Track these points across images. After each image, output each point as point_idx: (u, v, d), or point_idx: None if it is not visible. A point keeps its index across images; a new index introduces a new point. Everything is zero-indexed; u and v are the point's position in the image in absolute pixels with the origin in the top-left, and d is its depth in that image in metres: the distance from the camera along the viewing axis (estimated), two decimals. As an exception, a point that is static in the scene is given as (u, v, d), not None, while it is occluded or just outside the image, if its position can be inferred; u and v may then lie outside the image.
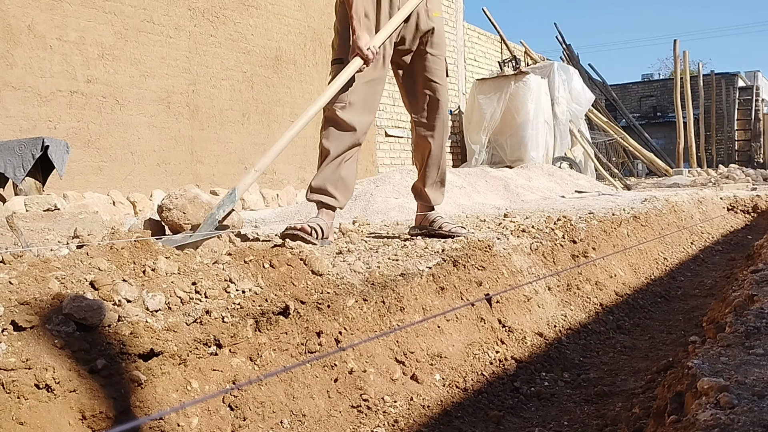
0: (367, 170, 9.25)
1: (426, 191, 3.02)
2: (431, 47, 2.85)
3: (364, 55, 2.62)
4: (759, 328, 1.43)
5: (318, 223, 2.69)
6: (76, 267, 1.57)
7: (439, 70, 2.87)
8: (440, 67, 2.88)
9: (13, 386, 1.20)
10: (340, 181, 2.77)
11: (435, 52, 2.85)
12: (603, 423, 1.81)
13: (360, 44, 2.61)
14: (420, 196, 3.06)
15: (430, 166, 2.97)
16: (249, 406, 1.55)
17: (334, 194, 2.77)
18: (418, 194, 3.07)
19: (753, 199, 7.70)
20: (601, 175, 11.52)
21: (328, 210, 2.79)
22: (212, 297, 1.65)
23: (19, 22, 5.29)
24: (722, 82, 24.09)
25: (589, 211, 4.51)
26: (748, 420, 0.94)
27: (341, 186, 2.78)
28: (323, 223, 2.70)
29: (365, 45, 2.62)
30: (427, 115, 2.88)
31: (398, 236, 3.10)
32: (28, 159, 4.20)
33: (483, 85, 10.55)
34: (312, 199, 2.80)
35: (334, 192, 2.76)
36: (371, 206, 4.87)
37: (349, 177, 2.79)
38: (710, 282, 4.02)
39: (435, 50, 2.86)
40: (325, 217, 2.76)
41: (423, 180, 3.01)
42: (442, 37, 2.89)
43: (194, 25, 6.78)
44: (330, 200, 2.77)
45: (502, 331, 2.47)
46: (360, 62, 2.63)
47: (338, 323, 1.92)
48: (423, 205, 3.07)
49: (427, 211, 3.04)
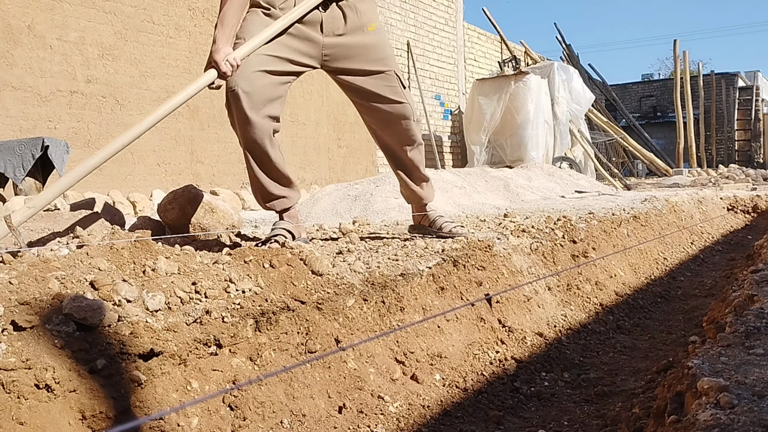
0: (367, 170, 9.26)
1: (412, 190, 2.90)
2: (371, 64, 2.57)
3: (220, 69, 2.28)
4: (759, 328, 1.43)
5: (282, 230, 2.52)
6: (76, 267, 1.57)
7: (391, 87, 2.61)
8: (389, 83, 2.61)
9: (13, 386, 1.20)
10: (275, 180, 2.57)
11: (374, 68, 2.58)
12: (603, 423, 1.81)
13: (216, 56, 2.27)
14: (409, 198, 2.98)
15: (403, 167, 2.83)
16: (249, 406, 1.55)
17: (279, 194, 2.60)
18: (408, 197, 2.99)
19: (753, 199, 7.70)
20: (601, 175, 11.52)
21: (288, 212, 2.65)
22: (212, 297, 1.65)
23: (19, 22, 5.29)
24: (722, 82, 24.10)
25: (589, 211, 4.51)
26: (748, 420, 0.94)
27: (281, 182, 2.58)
28: (289, 227, 2.58)
29: (223, 57, 2.27)
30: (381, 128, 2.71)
31: (398, 236, 3.09)
32: (28, 159, 4.21)
33: (483, 85, 10.55)
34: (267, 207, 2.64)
35: (277, 192, 2.59)
36: (371, 206, 4.87)
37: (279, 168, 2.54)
38: (710, 282, 4.02)
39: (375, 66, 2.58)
40: (287, 218, 2.63)
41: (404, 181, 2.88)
42: (385, 51, 2.63)
43: (194, 25, 6.78)
44: (280, 202, 2.62)
45: (502, 331, 2.47)
46: (214, 75, 2.29)
47: (338, 323, 1.92)
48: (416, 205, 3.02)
49: (421, 209, 3.01)
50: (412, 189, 2.91)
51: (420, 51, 10.78)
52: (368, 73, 2.58)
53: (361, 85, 2.59)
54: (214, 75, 2.28)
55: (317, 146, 8.55)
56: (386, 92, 2.61)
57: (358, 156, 9.16)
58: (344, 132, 8.99)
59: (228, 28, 2.33)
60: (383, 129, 2.72)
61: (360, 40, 2.56)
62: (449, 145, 11.47)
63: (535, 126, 10.15)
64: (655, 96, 27.69)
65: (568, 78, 11.26)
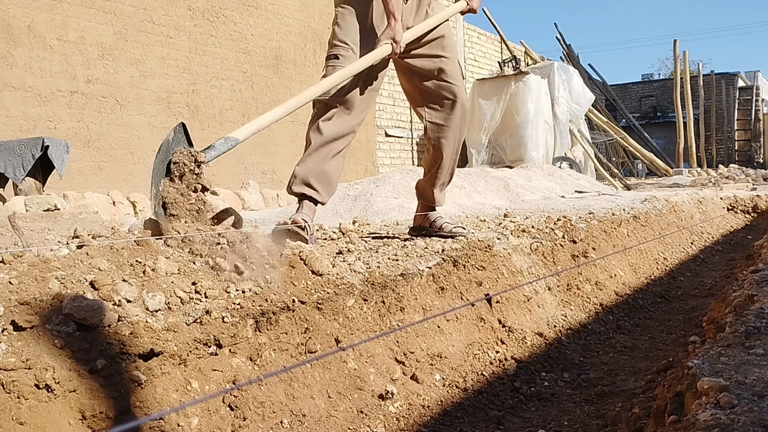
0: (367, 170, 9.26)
1: (433, 191, 2.95)
2: (443, 50, 2.81)
3: (396, 45, 2.58)
4: (759, 328, 1.43)
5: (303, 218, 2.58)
6: (76, 267, 1.57)
7: (456, 72, 2.84)
8: (456, 69, 2.84)
9: (13, 386, 1.20)
10: (323, 175, 2.67)
11: (449, 54, 2.83)
12: (603, 423, 1.81)
13: (395, 33, 2.57)
14: (423, 196, 3.00)
15: (442, 168, 2.90)
16: (249, 406, 1.55)
17: (317, 188, 2.66)
18: (422, 194, 3.01)
19: (753, 199, 7.70)
20: (601, 175, 11.52)
21: (309, 204, 2.68)
22: (212, 297, 1.65)
23: (19, 22, 5.30)
24: (722, 82, 24.10)
25: (589, 211, 4.51)
26: (748, 420, 0.94)
27: (325, 181, 2.68)
28: (308, 219, 2.61)
29: (399, 35, 2.58)
30: (447, 116, 2.82)
31: (398, 236, 3.09)
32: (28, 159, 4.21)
33: (483, 85, 10.55)
34: (295, 191, 2.68)
35: (317, 185, 2.66)
36: (371, 206, 4.87)
37: (334, 172, 2.70)
38: (710, 282, 4.02)
39: (449, 53, 2.83)
40: (307, 211, 2.66)
41: (432, 181, 2.93)
42: (451, 40, 2.87)
43: (194, 25, 6.78)
44: (313, 194, 2.67)
45: (502, 331, 2.47)
46: (389, 50, 2.58)
47: (338, 323, 1.92)
48: (424, 204, 3.03)
49: (427, 211, 3.02)
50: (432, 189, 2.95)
51: (420, 51, 10.77)
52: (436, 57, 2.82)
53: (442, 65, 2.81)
54: (389, 51, 2.57)
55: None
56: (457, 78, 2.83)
57: (358, 156, 9.16)
58: (344, 132, 8.99)
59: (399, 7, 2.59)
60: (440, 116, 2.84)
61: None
62: (449, 145, 11.46)
63: (535, 126, 10.15)
64: (655, 96, 27.69)
65: (568, 78, 11.25)
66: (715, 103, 22.87)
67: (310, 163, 2.65)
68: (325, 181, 2.68)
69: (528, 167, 8.84)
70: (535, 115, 10.13)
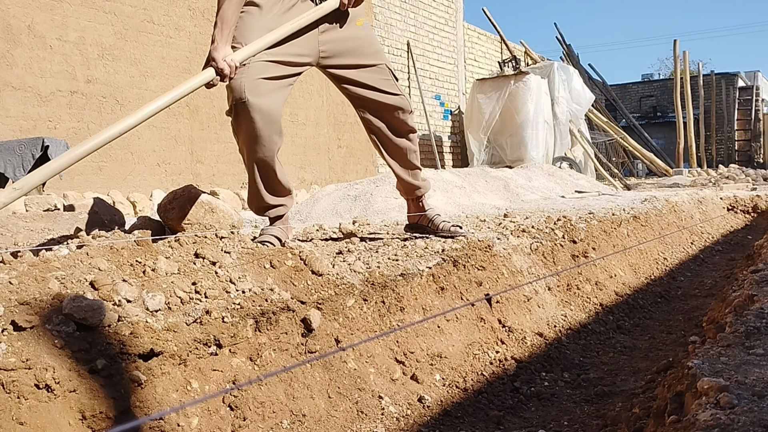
0: (367, 170, 9.26)
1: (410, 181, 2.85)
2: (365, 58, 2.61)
3: (219, 68, 2.22)
4: (759, 328, 1.43)
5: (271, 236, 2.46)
6: (76, 267, 1.57)
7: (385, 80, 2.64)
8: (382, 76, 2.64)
9: (13, 386, 1.20)
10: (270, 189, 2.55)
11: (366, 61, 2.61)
12: (603, 423, 1.81)
13: (215, 54, 2.22)
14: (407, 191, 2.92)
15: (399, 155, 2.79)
16: (249, 406, 1.55)
17: (276, 203, 2.58)
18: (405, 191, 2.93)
19: (753, 199, 7.70)
20: (601, 175, 11.52)
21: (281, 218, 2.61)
22: (212, 297, 1.65)
23: (19, 22, 5.30)
24: (722, 82, 24.10)
25: (589, 211, 4.51)
26: (748, 420, 0.94)
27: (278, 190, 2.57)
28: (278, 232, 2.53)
29: (222, 56, 2.22)
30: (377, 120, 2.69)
31: (398, 236, 3.09)
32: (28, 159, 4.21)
33: (483, 85, 10.55)
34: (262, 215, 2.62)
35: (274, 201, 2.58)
36: (371, 206, 4.87)
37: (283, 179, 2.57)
38: (710, 282, 4.02)
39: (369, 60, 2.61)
40: (280, 224, 2.59)
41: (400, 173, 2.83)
42: (375, 45, 2.69)
43: (194, 25, 6.78)
44: (277, 211, 2.59)
45: (502, 331, 2.47)
46: (212, 74, 2.23)
47: (338, 323, 1.92)
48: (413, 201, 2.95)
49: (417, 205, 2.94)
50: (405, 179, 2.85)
51: (420, 51, 10.78)
52: (363, 66, 2.61)
53: (357, 78, 2.61)
54: (212, 74, 2.24)
55: (317, 146, 8.55)
56: (382, 85, 2.64)
57: (358, 156, 9.16)
58: (344, 132, 8.99)
59: (227, 26, 2.30)
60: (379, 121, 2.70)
61: (352, 33, 2.59)
62: (449, 145, 11.47)
63: (535, 126, 10.15)
64: (655, 96, 27.69)
65: (568, 78, 11.25)
66: (715, 103, 22.87)
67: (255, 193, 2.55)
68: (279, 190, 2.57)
69: (528, 167, 8.84)
70: (535, 115, 10.14)
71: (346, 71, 2.61)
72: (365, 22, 2.65)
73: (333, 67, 2.60)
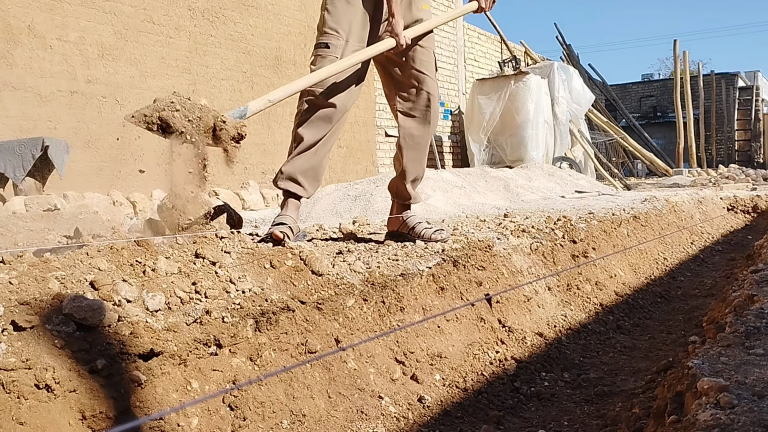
0: (367, 170, 9.25)
1: (407, 188, 2.86)
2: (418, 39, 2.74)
3: (400, 41, 2.57)
4: (759, 328, 1.43)
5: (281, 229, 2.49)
6: (76, 267, 1.57)
7: (428, 62, 2.78)
8: (429, 59, 2.78)
9: (13, 386, 1.20)
10: (310, 171, 2.68)
11: (424, 43, 2.76)
12: (603, 423, 1.81)
13: (398, 29, 2.57)
14: (398, 194, 2.91)
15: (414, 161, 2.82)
16: (249, 406, 1.55)
17: (303, 184, 2.68)
18: (396, 192, 2.92)
19: (753, 199, 7.70)
20: (601, 175, 11.52)
21: (294, 201, 2.70)
22: (212, 297, 1.65)
23: (19, 22, 5.29)
24: (722, 82, 24.09)
25: (589, 211, 4.51)
26: (748, 420, 0.94)
27: (311, 176, 2.69)
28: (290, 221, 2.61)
29: (402, 30, 2.58)
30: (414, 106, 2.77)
31: (398, 236, 3.09)
32: (28, 159, 4.21)
33: (483, 85, 10.55)
34: (280, 186, 2.69)
35: (303, 181, 2.67)
36: (371, 206, 4.87)
37: (321, 167, 2.71)
38: (710, 282, 4.02)
39: (423, 42, 2.76)
40: (292, 209, 2.68)
41: (404, 176, 2.84)
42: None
43: (194, 25, 6.78)
44: (298, 189, 2.68)
45: (502, 331, 2.47)
46: (392, 44, 2.58)
47: (338, 323, 1.92)
48: (399, 204, 2.93)
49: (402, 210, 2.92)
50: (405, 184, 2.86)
51: (420, 51, 10.77)
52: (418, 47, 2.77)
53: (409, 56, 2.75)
54: (393, 44, 2.58)
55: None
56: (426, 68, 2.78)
57: (358, 156, 9.16)
58: (344, 132, 8.99)
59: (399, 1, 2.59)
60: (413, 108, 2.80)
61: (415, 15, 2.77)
62: (449, 145, 11.47)
63: (535, 126, 10.15)
64: (655, 96, 27.68)
65: (568, 78, 11.25)
66: (715, 103, 22.87)
67: (298, 161, 2.65)
68: (312, 176, 2.69)
69: (528, 167, 8.84)
70: (535, 115, 10.14)
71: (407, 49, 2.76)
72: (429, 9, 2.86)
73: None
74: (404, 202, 2.93)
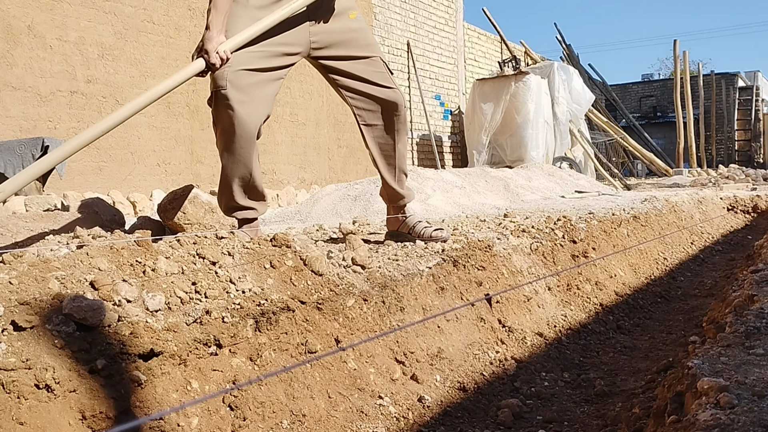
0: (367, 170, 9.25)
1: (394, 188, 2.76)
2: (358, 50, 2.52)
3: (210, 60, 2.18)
4: (759, 328, 1.43)
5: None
6: (76, 267, 1.57)
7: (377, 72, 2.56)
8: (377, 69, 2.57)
9: (13, 386, 1.20)
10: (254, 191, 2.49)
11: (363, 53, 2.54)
12: (603, 423, 1.81)
13: (209, 45, 2.18)
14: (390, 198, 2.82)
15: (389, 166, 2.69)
16: (249, 406, 1.55)
17: (250, 205, 2.51)
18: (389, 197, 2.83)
19: (753, 199, 7.70)
20: (601, 175, 11.52)
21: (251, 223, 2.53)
22: (212, 297, 1.65)
23: (19, 22, 5.29)
24: (722, 82, 24.10)
25: (589, 211, 4.51)
26: (748, 420, 0.94)
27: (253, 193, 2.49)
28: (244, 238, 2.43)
29: (215, 47, 2.17)
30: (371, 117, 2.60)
31: (398, 236, 3.09)
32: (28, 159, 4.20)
33: (483, 85, 10.55)
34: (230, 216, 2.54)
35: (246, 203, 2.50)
36: (371, 206, 4.87)
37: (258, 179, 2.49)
38: (710, 282, 4.02)
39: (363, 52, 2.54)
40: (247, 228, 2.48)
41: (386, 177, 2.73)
42: (369, 38, 2.63)
43: (194, 25, 6.78)
44: (247, 213, 2.52)
45: (502, 331, 2.47)
46: (202, 65, 2.19)
47: (338, 323, 1.92)
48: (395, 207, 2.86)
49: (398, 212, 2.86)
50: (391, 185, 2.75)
51: (420, 51, 10.78)
52: (356, 58, 2.53)
53: (349, 70, 2.52)
54: (203, 65, 2.18)
55: (317, 146, 8.55)
56: (375, 77, 2.55)
57: (358, 156, 9.15)
58: (344, 132, 8.99)
59: (220, 14, 2.23)
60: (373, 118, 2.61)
61: (344, 25, 2.51)
62: (449, 145, 11.47)
63: (535, 126, 10.15)
64: (655, 96, 27.68)
65: (568, 78, 11.25)
66: (715, 103, 22.87)
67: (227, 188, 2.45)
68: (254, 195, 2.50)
69: (528, 167, 8.84)
70: (535, 115, 10.13)
71: (337, 62, 2.52)
72: (359, 15, 2.57)
73: (324, 58, 2.50)
74: (398, 204, 2.86)
